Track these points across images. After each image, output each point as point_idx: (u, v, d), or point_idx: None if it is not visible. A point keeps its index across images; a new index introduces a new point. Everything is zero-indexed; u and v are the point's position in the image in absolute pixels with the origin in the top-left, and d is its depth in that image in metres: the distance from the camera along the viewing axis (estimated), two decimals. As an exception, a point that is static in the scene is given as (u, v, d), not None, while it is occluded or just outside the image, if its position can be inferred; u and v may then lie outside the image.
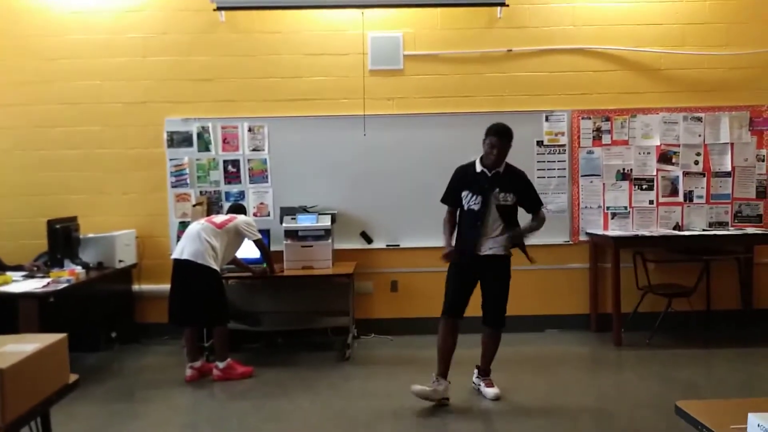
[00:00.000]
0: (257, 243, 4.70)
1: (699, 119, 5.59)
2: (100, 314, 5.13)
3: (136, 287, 5.55)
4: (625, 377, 4.51)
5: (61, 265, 4.72)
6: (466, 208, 3.92)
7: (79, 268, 4.66)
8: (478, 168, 3.90)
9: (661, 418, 3.51)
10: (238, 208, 4.93)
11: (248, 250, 4.85)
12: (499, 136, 3.79)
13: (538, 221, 4.00)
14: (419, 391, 3.81)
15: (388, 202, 5.55)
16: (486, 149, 3.83)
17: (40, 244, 4.93)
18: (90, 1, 5.51)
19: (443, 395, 3.86)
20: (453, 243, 3.97)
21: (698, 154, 5.61)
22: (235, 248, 4.70)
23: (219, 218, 4.64)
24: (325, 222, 5.14)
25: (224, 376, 4.44)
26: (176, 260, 4.43)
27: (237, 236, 4.63)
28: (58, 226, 4.79)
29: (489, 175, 3.86)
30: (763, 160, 5.61)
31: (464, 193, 3.92)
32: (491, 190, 3.83)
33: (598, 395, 4.14)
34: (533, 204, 3.99)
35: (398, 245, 5.58)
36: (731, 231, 5.45)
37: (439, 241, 4.08)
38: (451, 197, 4.01)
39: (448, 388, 3.89)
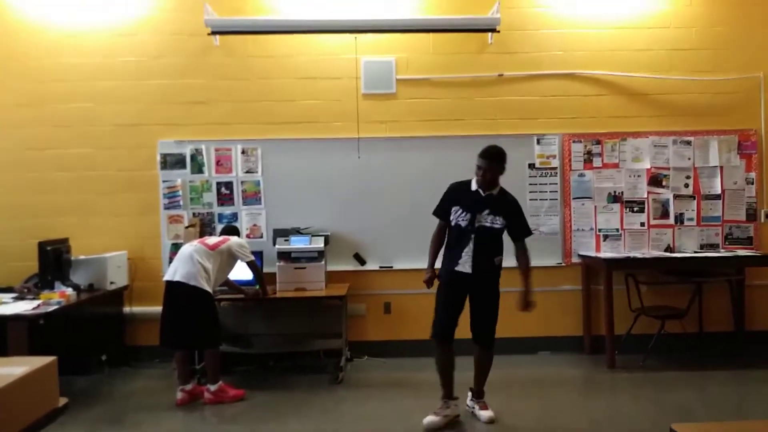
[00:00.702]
0: (250, 265, 4.69)
1: (688, 143, 5.66)
2: (91, 337, 5.08)
3: (127, 309, 5.51)
4: (618, 400, 4.49)
5: (52, 287, 4.68)
6: (453, 223, 3.93)
7: (69, 290, 4.62)
8: (474, 187, 3.93)
9: (655, 441, 3.49)
10: (232, 230, 4.92)
11: (241, 272, 4.83)
12: (490, 159, 3.82)
13: (527, 257, 4.00)
14: (432, 424, 3.81)
15: (381, 223, 5.56)
16: (478, 171, 3.86)
17: (31, 265, 4.90)
18: (84, 24, 5.55)
19: (453, 415, 3.91)
20: (438, 263, 4.00)
21: (688, 177, 5.67)
22: (227, 270, 4.68)
23: (212, 240, 4.63)
24: (318, 243, 5.13)
25: (216, 399, 4.39)
26: (168, 282, 4.40)
27: (230, 258, 4.62)
28: (49, 248, 4.76)
29: (483, 195, 3.88)
30: (752, 183, 5.67)
31: (455, 208, 3.94)
32: (481, 210, 3.85)
33: (592, 418, 4.11)
34: (521, 231, 3.97)
35: (391, 267, 5.58)
36: (722, 253, 5.48)
37: (431, 261, 4.09)
38: (442, 210, 4.02)
39: (457, 406, 3.94)
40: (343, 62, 5.57)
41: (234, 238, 4.70)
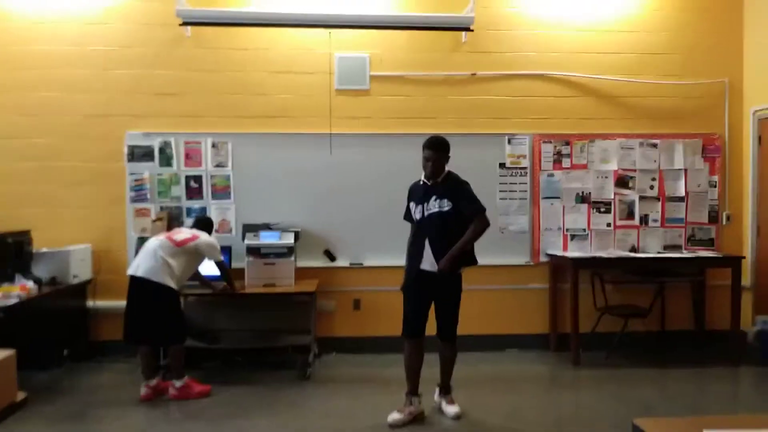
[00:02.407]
0: (219, 265, 4.63)
1: (654, 145, 5.78)
2: (53, 331, 4.95)
3: (90, 303, 5.40)
4: (583, 396, 4.57)
5: (12, 280, 4.56)
6: (414, 219, 4.00)
7: (30, 284, 4.52)
8: (422, 180, 3.99)
9: (617, 437, 3.56)
10: (204, 224, 4.81)
11: (209, 268, 4.77)
12: (432, 148, 3.88)
13: (472, 229, 3.83)
14: (396, 421, 3.82)
15: (352, 220, 5.55)
16: (425, 163, 3.92)
17: (-9, 257, 4.76)
18: (53, 11, 5.41)
19: (417, 412, 3.93)
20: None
21: (653, 179, 5.79)
22: (194, 266, 4.60)
23: (180, 235, 4.53)
24: (288, 239, 5.10)
25: (180, 395, 4.33)
26: (132, 277, 4.33)
27: (197, 255, 4.55)
28: (10, 240, 4.64)
29: (429, 184, 3.93)
30: (715, 186, 5.81)
31: (411, 205, 4.04)
32: (428, 199, 3.89)
33: (557, 414, 4.18)
34: (471, 209, 3.86)
35: (362, 264, 5.58)
36: (685, 254, 5.61)
37: (402, 260, 4.10)
38: (407, 213, 4.11)
39: (421, 402, 3.96)
40: (317, 57, 5.55)
41: (203, 237, 4.59)
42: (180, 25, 5.27)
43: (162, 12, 5.37)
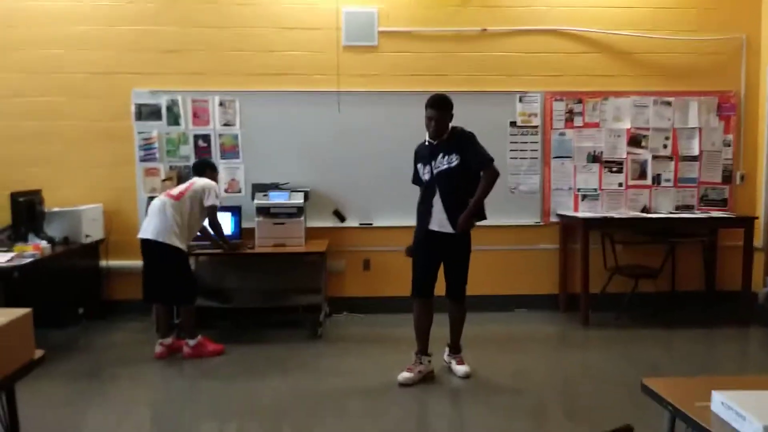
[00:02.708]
0: (209, 210, 4.45)
1: (668, 103, 5.67)
2: (67, 290, 5.01)
3: (103, 263, 5.44)
4: (591, 356, 4.60)
5: (26, 240, 4.59)
6: (423, 181, 3.95)
7: (44, 243, 4.53)
8: (427, 141, 3.93)
9: (626, 396, 3.60)
10: (200, 167, 4.63)
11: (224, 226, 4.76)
12: (435, 107, 3.80)
13: (483, 184, 3.78)
14: (407, 380, 3.86)
15: (361, 180, 5.52)
16: (428, 122, 3.85)
17: (3, 217, 4.78)
18: (54, -34, 5.30)
19: (427, 371, 3.96)
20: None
21: (667, 138, 5.70)
22: (199, 217, 4.47)
23: (177, 189, 4.47)
24: (298, 199, 5.08)
25: (194, 353, 4.39)
26: (141, 239, 4.34)
27: (200, 204, 4.43)
28: (21, 199, 4.65)
29: (435, 143, 3.87)
30: (729, 145, 5.72)
31: (418, 166, 3.98)
32: (435, 157, 3.84)
33: (565, 373, 4.22)
34: (478, 160, 3.79)
35: (371, 224, 5.57)
36: (697, 214, 5.57)
37: (412, 220, 4.08)
38: (415, 176, 4.05)
39: (431, 362, 4.00)
40: (324, 12, 5.42)
41: (199, 181, 4.48)
42: (184, -21, 5.15)
43: (166, -34, 5.25)
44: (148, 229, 4.30)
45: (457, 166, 3.79)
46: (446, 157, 3.81)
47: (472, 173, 3.82)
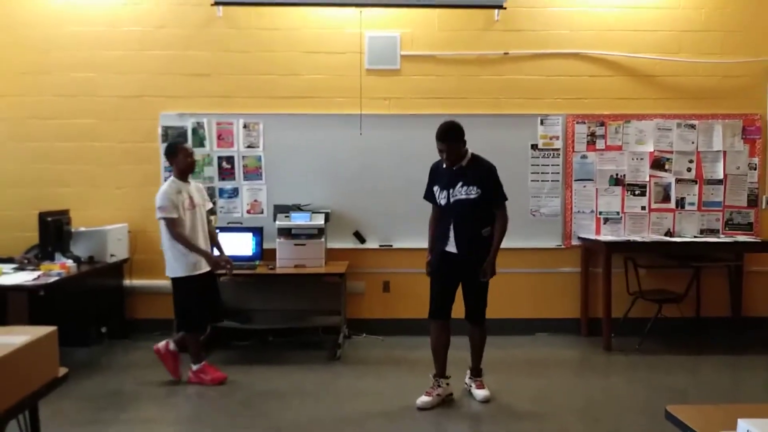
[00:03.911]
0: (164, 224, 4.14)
1: (692, 126, 5.63)
2: (91, 309, 5.10)
3: (127, 282, 5.52)
4: (614, 382, 4.53)
5: (52, 259, 4.69)
6: (438, 203, 3.94)
7: (70, 262, 4.63)
8: (445, 163, 3.90)
9: (649, 423, 3.53)
10: (167, 152, 4.33)
11: (241, 247, 4.82)
12: (443, 140, 3.77)
13: (499, 229, 3.83)
14: (425, 404, 3.83)
15: (381, 202, 5.55)
16: (440, 153, 3.84)
17: (32, 236, 4.90)
18: (87, -7, 5.49)
19: (446, 394, 3.93)
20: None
21: (691, 161, 5.64)
22: (182, 225, 4.14)
23: None
24: (319, 220, 5.12)
25: (196, 379, 4.31)
26: None
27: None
28: (49, 219, 4.76)
29: (453, 169, 3.85)
30: (755, 169, 5.64)
31: (435, 188, 3.96)
32: (454, 184, 3.83)
33: (587, 399, 4.15)
34: (496, 199, 3.83)
35: (391, 245, 5.58)
36: (722, 238, 5.48)
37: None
38: (429, 193, 4.03)
39: (449, 384, 3.96)
40: (348, 37, 5.51)
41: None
42: (212, 5, 5.29)
43: (194, -8, 5.40)
44: None
45: (476, 198, 3.79)
46: (465, 188, 3.80)
47: (488, 204, 3.84)
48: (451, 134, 3.77)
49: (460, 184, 3.81)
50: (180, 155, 4.27)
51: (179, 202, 4.17)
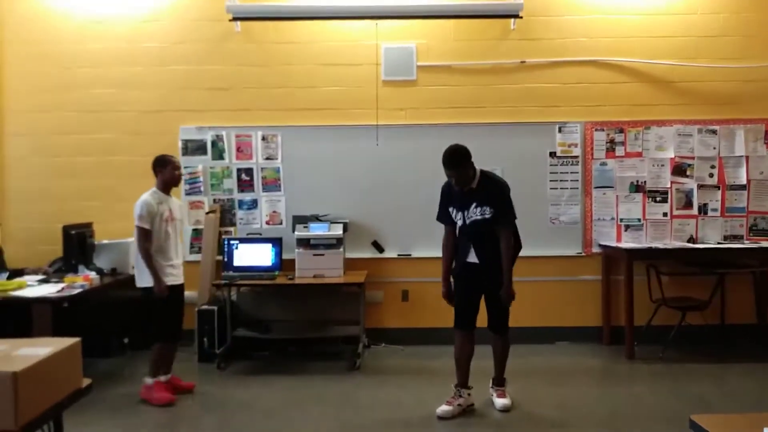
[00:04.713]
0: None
1: (714, 132, 5.56)
2: (113, 320, 5.17)
3: (148, 294, 5.57)
4: (637, 390, 4.45)
5: (76, 271, 4.77)
6: (455, 223, 3.93)
7: (93, 274, 4.69)
8: (455, 187, 3.88)
9: (673, 433, 3.47)
10: (156, 164, 4.28)
11: (262, 257, 4.84)
12: (449, 167, 3.76)
13: (508, 252, 3.78)
14: (446, 413, 3.81)
15: (399, 211, 5.55)
16: (447, 177, 3.86)
17: (56, 249, 4.99)
18: (108, 10, 5.59)
19: (467, 404, 3.91)
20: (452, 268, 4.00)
21: (713, 167, 5.57)
22: (159, 237, 4.12)
23: None
24: (337, 231, 5.14)
25: (145, 394, 4.16)
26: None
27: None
28: (73, 232, 4.85)
29: (464, 191, 3.84)
30: (779, 174, 5.56)
31: (451, 209, 3.95)
32: (468, 206, 3.83)
33: (610, 408, 4.09)
34: (504, 218, 3.81)
35: (410, 255, 5.58)
36: (746, 244, 5.39)
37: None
38: (442, 214, 4.02)
39: (471, 395, 3.94)
40: (364, 48, 5.55)
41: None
42: (230, 20, 5.37)
43: (212, 8, 5.48)
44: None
45: (490, 218, 3.79)
46: (479, 208, 3.80)
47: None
48: (455, 159, 3.75)
49: (473, 205, 3.82)
50: (168, 167, 4.28)
51: (159, 213, 4.16)
